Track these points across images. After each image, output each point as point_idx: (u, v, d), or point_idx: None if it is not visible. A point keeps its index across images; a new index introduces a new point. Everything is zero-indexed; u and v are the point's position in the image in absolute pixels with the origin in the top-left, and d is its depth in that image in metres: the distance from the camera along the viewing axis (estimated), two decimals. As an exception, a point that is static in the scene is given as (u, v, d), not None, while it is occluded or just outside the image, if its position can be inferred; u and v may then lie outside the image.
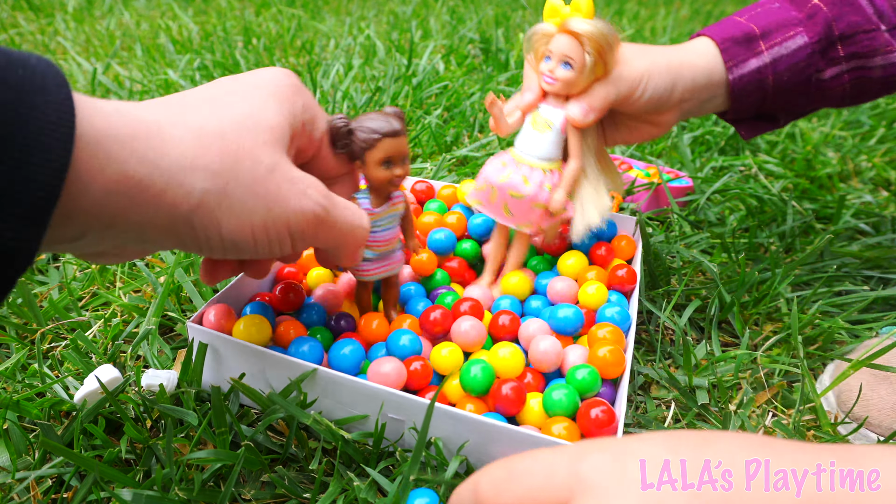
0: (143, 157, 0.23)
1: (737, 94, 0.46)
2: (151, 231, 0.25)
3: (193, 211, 0.25)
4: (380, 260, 0.42)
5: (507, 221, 0.45)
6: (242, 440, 0.35)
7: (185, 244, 0.27)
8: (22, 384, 0.40)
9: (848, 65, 0.46)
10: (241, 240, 0.27)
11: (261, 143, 0.28)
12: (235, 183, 0.26)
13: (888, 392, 0.42)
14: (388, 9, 1.74)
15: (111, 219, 0.23)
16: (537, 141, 0.43)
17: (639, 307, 0.51)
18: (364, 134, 0.36)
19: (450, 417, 0.35)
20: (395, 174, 0.38)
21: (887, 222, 0.70)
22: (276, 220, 0.28)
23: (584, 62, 0.40)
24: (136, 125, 0.24)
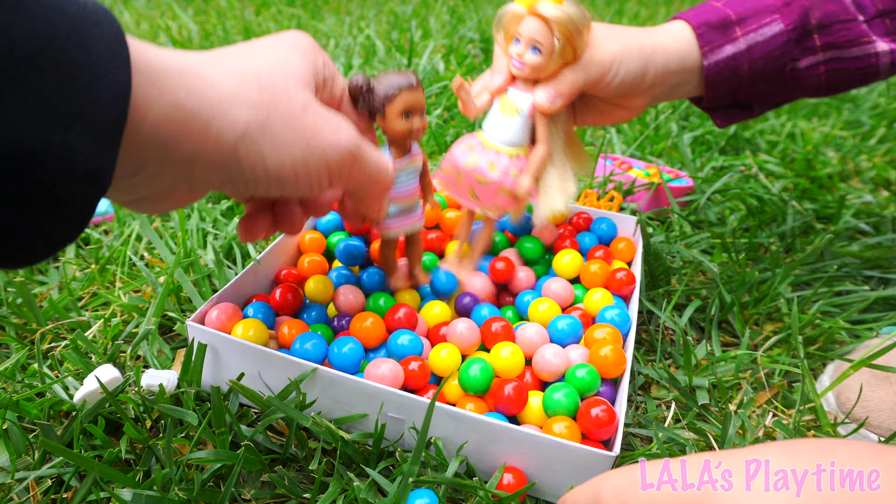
0: (191, 88, 0.25)
1: (711, 81, 0.45)
2: (201, 163, 0.26)
3: (239, 141, 0.26)
4: (402, 215, 0.43)
5: (473, 205, 0.45)
6: (242, 440, 0.35)
7: (232, 179, 0.28)
8: (22, 384, 0.40)
9: (824, 55, 0.45)
10: (283, 172, 0.28)
11: (292, 85, 0.29)
12: (276, 116, 0.28)
13: (888, 393, 0.42)
14: (388, 8, 1.74)
15: (165, 150, 0.24)
16: (505, 125, 0.43)
17: (639, 307, 0.51)
18: (383, 88, 0.37)
19: (450, 417, 0.35)
20: (414, 125, 0.39)
21: (887, 222, 0.70)
22: (314, 153, 0.29)
23: (553, 47, 0.39)
24: (180, 63, 0.25)
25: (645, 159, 0.85)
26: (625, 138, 0.92)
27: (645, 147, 0.88)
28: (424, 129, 0.40)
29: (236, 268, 0.55)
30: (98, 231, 0.60)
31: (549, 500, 0.36)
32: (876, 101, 1.13)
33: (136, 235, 0.59)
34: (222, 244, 0.58)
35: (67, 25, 0.20)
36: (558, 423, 0.36)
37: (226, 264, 0.55)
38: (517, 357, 0.40)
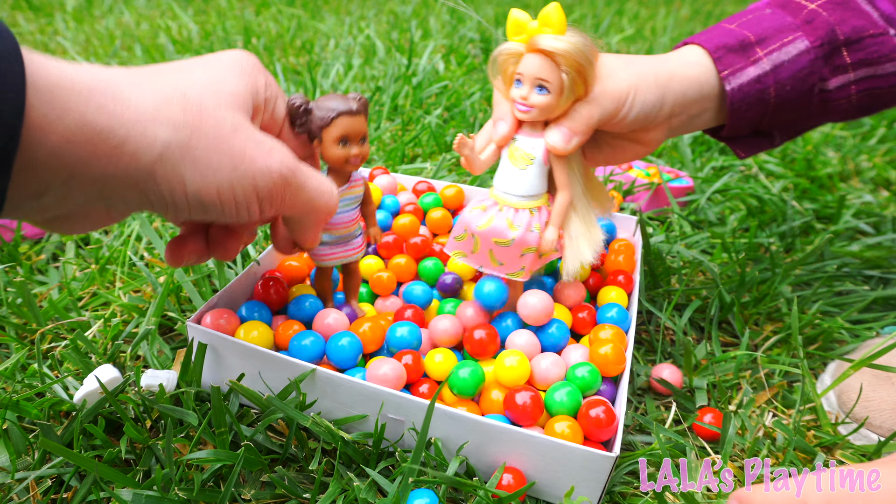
0: (102, 106, 0.23)
1: (736, 108, 0.41)
2: (114, 185, 0.25)
3: (156, 163, 0.25)
4: (338, 244, 0.42)
5: (496, 271, 0.40)
6: (242, 440, 0.35)
7: (150, 201, 0.26)
8: (22, 384, 0.40)
9: (856, 73, 0.42)
10: (206, 197, 0.27)
11: (223, 105, 0.28)
12: (199, 137, 0.26)
13: (889, 392, 0.42)
14: (388, 8, 1.74)
15: (71, 170, 0.23)
16: (518, 177, 0.38)
17: (639, 307, 0.51)
18: (321, 112, 0.36)
19: (449, 418, 0.35)
20: (352, 153, 0.37)
21: (887, 222, 0.70)
22: (242, 179, 0.27)
23: (562, 83, 0.35)
24: (93, 80, 0.24)
25: (645, 159, 0.85)
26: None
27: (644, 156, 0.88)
28: (364, 158, 0.38)
29: (236, 268, 0.55)
30: (98, 231, 0.60)
31: (549, 500, 0.36)
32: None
33: (136, 235, 0.59)
34: (222, 244, 0.58)
35: None
36: (560, 422, 0.36)
37: (225, 264, 0.55)
38: (524, 366, 0.39)
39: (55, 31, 1.33)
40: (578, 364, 0.40)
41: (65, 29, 1.34)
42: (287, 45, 1.29)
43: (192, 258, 0.34)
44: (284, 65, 1.17)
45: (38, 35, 1.29)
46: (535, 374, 0.40)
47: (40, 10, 1.49)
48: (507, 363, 0.39)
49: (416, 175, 0.75)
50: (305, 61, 1.19)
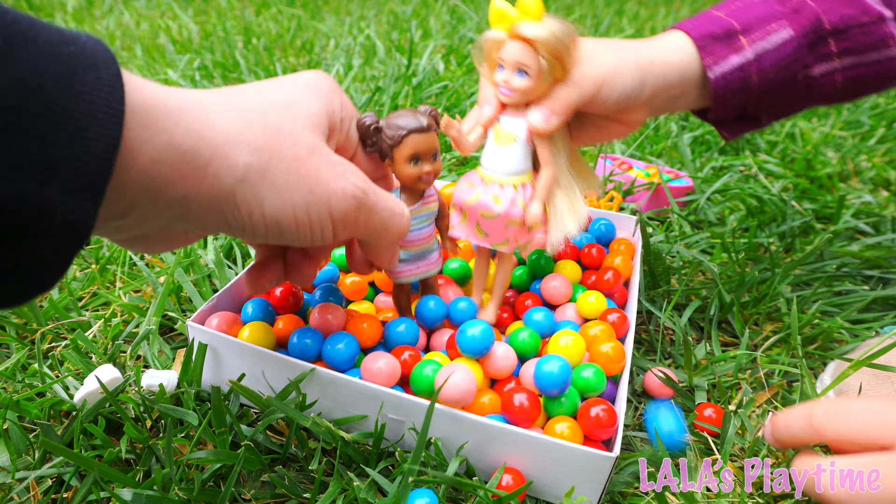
0: (189, 128, 0.24)
1: (719, 95, 0.42)
2: (196, 206, 0.25)
3: (237, 184, 0.25)
4: (416, 260, 0.41)
5: (483, 242, 0.42)
6: (242, 440, 0.35)
7: (228, 223, 0.27)
8: (22, 384, 0.40)
9: (841, 62, 0.43)
10: (283, 220, 0.27)
11: (300, 126, 0.28)
12: (278, 160, 0.26)
13: (889, 392, 0.42)
14: (388, 9, 1.74)
15: (158, 191, 0.24)
16: (503, 155, 0.40)
17: (638, 307, 0.51)
18: (391, 131, 0.35)
19: (449, 418, 0.35)
20: (424, 171, 0.37)
21: (887, 222, 0.70)
22: (317, 201, 0.28)
23: (541, 68, 0.37)
24: (181, 100, 0.24)
25: (645, 159, 0.85)
26: (625, 138, 0.92)
27: (645, 147, 0.88)
28: (436, 174, 0.38)
29: (236, 268, 0.55)
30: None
31: (549, 500, 0.36)
32: (875, 102, 1.13)
33: (137, 235, 0.59)
34: (223, 244, 0.58)
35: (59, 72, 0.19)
36: (560, 423, 0.36)
37: (226, 264, 0.55)
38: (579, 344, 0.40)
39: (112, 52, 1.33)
40: (583, 366, 0.39)
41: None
42: (287, 46, 1.29)
43: (272, 283, 0.34)
44: (284, 65, 1.17)
45: (38, 35, 1.29)
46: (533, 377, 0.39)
47: (40, 10, 1.49)
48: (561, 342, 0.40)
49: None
50: (305, 61, 1.19)
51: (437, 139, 0.37)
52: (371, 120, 0.35)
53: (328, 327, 0.41)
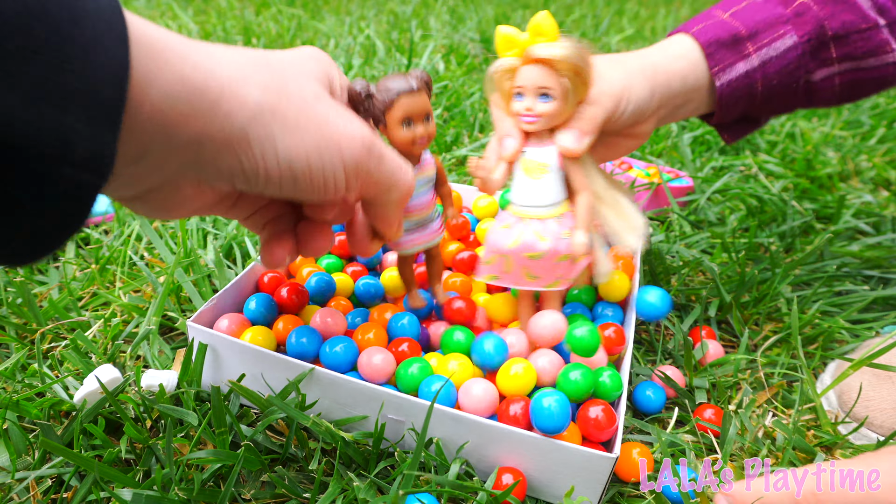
0: (198, 64, 0.24)
1: (725, 101, 0.43)
2: (209, 147, 0.25)
3: (249, 122, 0.25)
4: (417, 229, 0.40)
5: (534, 286, 0.39)
6: (242, 440, 0.35)
7: (243, 168, 0.26)
8: (22, 384, 0.40)
9: (840, 66, 0.43)
10: (296, 163, 0.27)
11: (304, 77, 0.28)
12: (287, 100, 0.26)
13: (889, 392, 0.42)
14: (388, 8, 1.74)
15: (170, 130, 0.23)
16: (536, 188, 0.38)
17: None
18: (382, 94, 0.35)
19: (449, 418, 0.35)
20: (417, 133, 0.36)
21: (887, 222, 0.70)
22: (329, 144, 0.27)
23: (565, 88, 0.35)
24: (186, 41, 0.24)
25: (645, 159, 0.85)
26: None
27: (645, 147, 0.88)
28: (431, 136, 0.37)
29: (236, 268, 0.55)
30: (98, 231, 0.60)
31: (549, 500, 0.36)
32: (876, 101, 1.13)
33: (137, 235, 0.59)
34: (222, 244, 0.58)
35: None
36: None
37: (226, 264, 0.55)
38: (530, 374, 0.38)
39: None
40: (572, 366, 0.37)
41: (65, 29, 1.34)
42: (287, 46, 1.29)
43: (289, 257, 0.34)
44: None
45: (38, 35, 1.29)
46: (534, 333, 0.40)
47: (40, 10, 1.49)
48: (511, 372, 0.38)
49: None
50: (305, 61, 1.19)
51: (428, 101, 0.36)
52: (361, 86, 0.34)
53: (328, 330, 0.41)
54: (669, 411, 0.43)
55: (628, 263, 0.51)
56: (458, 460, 0.35)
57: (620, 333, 0.40)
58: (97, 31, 0.19)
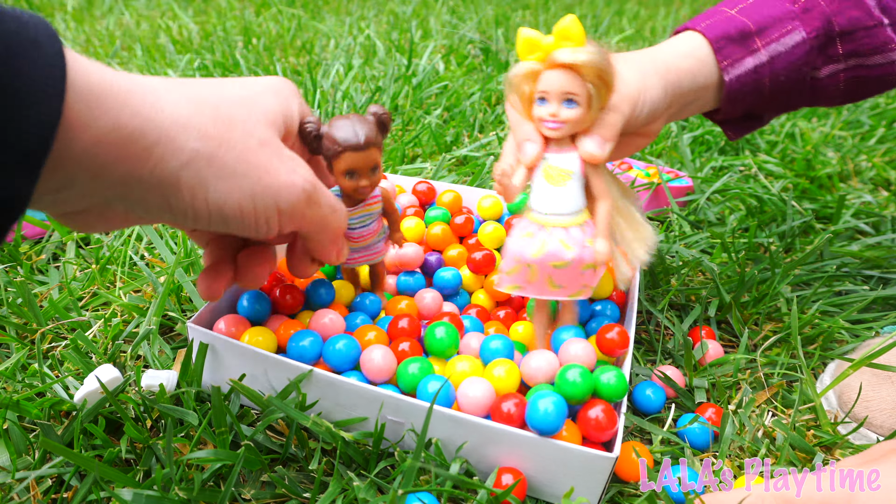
0: (137, 110, 0.24)
1: (733, 97, 0.43)
2: (138, 188, 0.25)
3: (182, 169, 0.25)
4: (362, 250, 0.43)
5: (558, 295, 0.39)
6: (242, 440, 0.35)
7: (171, 207, 0.27)
8: (22, 384, 0.40)
9: (846, 63, 0.44)
10: (227, 208, 0.27)
11: (254, 120, 0.28)
12: (227, 148, 0.27)
13: (889, 392, 0.42)
14: (388, 9, 1.74)
15: (99, 169, 0.23)
16: (560, 196, 0.37)
17: (638, 307, 0.51)
18: (329, 143, 0.35)
19: (449, 419, 0.35)
20: (360, 185, 0.37)
21: (887, 222, 0.70)
22: (265, 192, 0.28)
23: (590, 95, 0.35)
24: (131, 83, 0.24)
25: (645, 159, 0.85)
26: (625, 138, 0.92)
27: (645, 147, 0.88)
28: (374, 186, 0.38)
29: (236, 268, 0.55)
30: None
31: (548, 500, 0.36)
32: (876, 102, 1.13)
33: (137, 235, 0.59)
34: (222, 244, 0.58)
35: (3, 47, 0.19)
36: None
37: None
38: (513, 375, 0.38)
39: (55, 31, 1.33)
40: (569, 366, 0.37)
41: (65, 29, 1.34)
42: (287, 46, 1.29)
43: (226, 287, 0.34)
44: (284, 65, 1.17)
45: (39, 35, 1.29)
46: (524, 373, 0.39)
47: (40, 10, 1.49)
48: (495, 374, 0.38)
49: (417, 175, 0.75)
50: (305, 61, 1.19)
51: (377, 153, 0.36)
52: (312, 127, 0.35)
53: (326, 332, 0.41)
54: (669, 411, 0.43)
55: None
56: (458, 460, 0.35)
57: (624, 335, 0.40)
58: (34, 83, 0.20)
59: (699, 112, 0.46)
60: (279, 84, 0.32)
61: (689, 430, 0.40)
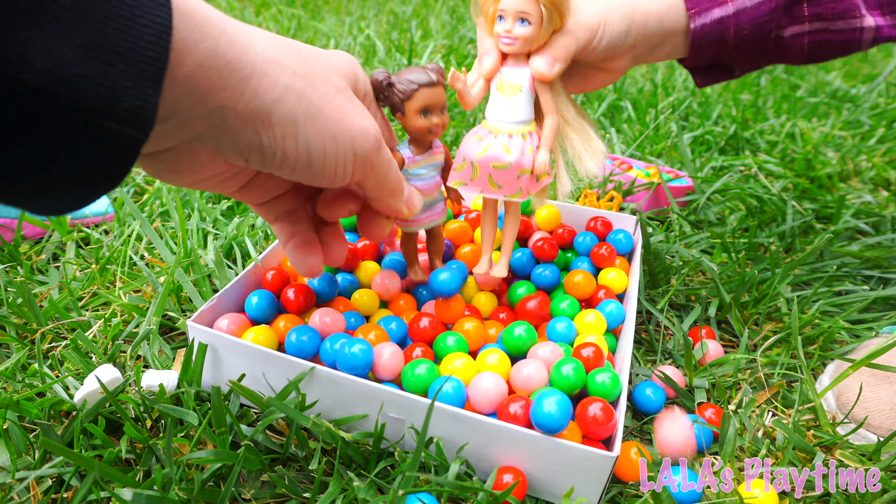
0: (234, 40, 0.25)
1: (696, 44, 0.45)
2: (233, 118, 0.26)
3: (275, 103, 0.26)
4: (424, 210, 0.43)
5: (496, 194, 0.43)
6: (242, 440, 0.35)
7: (262, 144, 0.27)
8: (22, 384, 0.40)
9: (811, 26, 0.45)
10: (314, 148, 0.28)
11: (332, 72, 0.30)
12: (313, 89, 0.28)
13: (888, 392, 0.42)
14: (388, 9, 1.74)
15: (200, 96, 0.24)
16: (508, 106, 0.41)
17: (638, 307, 0.51)
18: (403, 85, 0.38)
19: (450, 417, 0.35)
20: (434, 122, 0.39)
21: (887, 222, 0.70)
22: (345, 135, 0.29)
23: (542, 15, 0.38)
24: (224, 16, 0.25)
25: (645, 159, 0.85)
26: (625, 138, 0.92)
27: (645, 147, 0.88)
28: (445, 126, 0.40)
29: (236, 268, 0.55)
30: (98, 231, 0.60)
31: (549, 500, 0.36)
32: (875, 102, 1.14)
33: (137, 235, 0.59)
34: (222, 244, 0.58)
35: None
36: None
37: (226, 264, 0.55)
38: (504, 365, 0.40)
39: None
40: (561, 361, 0.39)
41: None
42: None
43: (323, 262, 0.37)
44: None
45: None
46: (516, 382, 0.39)
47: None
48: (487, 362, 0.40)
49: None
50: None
51: (444, 93, 0.39)
52: (383, 76, 0.37)
53: (326, 330, 0.41)
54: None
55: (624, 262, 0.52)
56: (458, 460, 0.35)
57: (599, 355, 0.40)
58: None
59: (669, 58, 0.48)
60: (347, 55, 0.34)
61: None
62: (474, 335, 0.43)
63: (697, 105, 1.06)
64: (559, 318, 0.45)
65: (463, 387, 0.37)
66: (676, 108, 1.03)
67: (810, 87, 1.26)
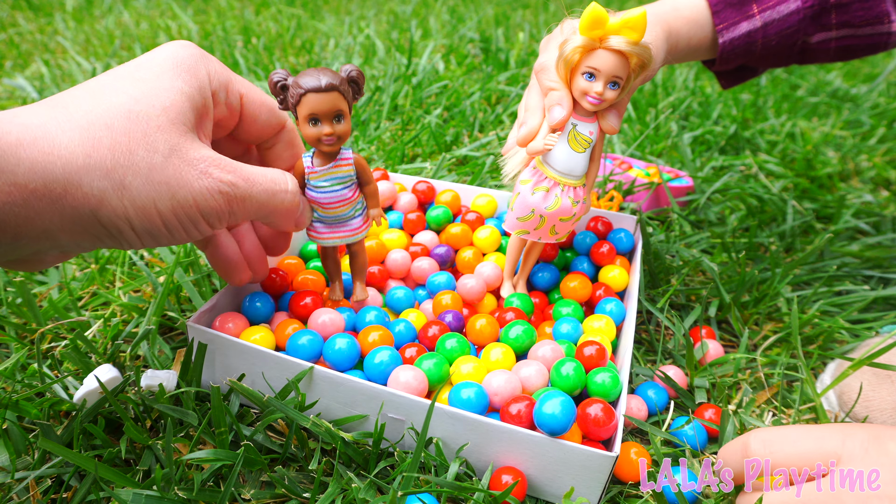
0: (34, 164, 0.23)
1: (725, 57, 0.46)
2: (63, 235, 0.25)
3: (98, 209, 0.25)
4: (335, 224, 0.41)
5: (552, 240, 0.45)
6: (242, 440, 0.35)
7: (102, 241, 0.27)
8: (21, 384, 0.40)
9: (838, 32, 0.46)
10: (152, 228, 0.27)
11: (153, 130, 0.27)
12: (133, 175, 0.26)
13: (889, 391, 0.42)
14: (388, 8, 1.74)
15: (16, 230, 0.23)
16: (579, 160, 0.41)
17: (638, 307, 0.51)
18: (292, 90, 0.35)
19: (450, 417, 0.35)
20: (323, 132, 0.36)
21: (887, 222, 0.70)
22: (182, 204, 0.28)
23: (629, 80, 0.38)
24: (20, 132, 0.23)
25: (645, 159, 0.85)
26: (625, 138, 0.92)
27: (645, 147, 0.88)
28: (339, 137, 0.37)
29: (236, 268, 0.55)
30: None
31: (549, 499, 0.36)
32: (876, 101, 1.13)
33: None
34: (222, 244, 0.58)
35: None
36: None
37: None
38: (508, 358, 0.40)
39: (55, 30, 1.33)
40: (561, 361, 0.39)
41: (65, 29, 1.34)
42: (287, 45, 1.29)
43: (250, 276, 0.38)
44: (284, 65, 1.17)
45: (38, 35, 1.29)
46: None
47: (40, 10, 1.49)
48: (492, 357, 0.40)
49: (416, 175, 0.75)
50: (305, 61, 1.19)
51: (339, 100, 0.35)
52: (278, 77, 0.35)
53: (325, 330, 0.41)
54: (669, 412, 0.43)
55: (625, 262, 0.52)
56: (458, 460, 0.35)
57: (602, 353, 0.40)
58: None
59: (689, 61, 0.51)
60: (180, 55, 0.30)
61: (684, 431, 0.40)
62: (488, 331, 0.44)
63: (697, 105, 1.06)
64: (565, 319, 0.45)
65: (485, 392, 0.37)
66: (676, 107, 1.03)
67: (810, 86, 1.26)
